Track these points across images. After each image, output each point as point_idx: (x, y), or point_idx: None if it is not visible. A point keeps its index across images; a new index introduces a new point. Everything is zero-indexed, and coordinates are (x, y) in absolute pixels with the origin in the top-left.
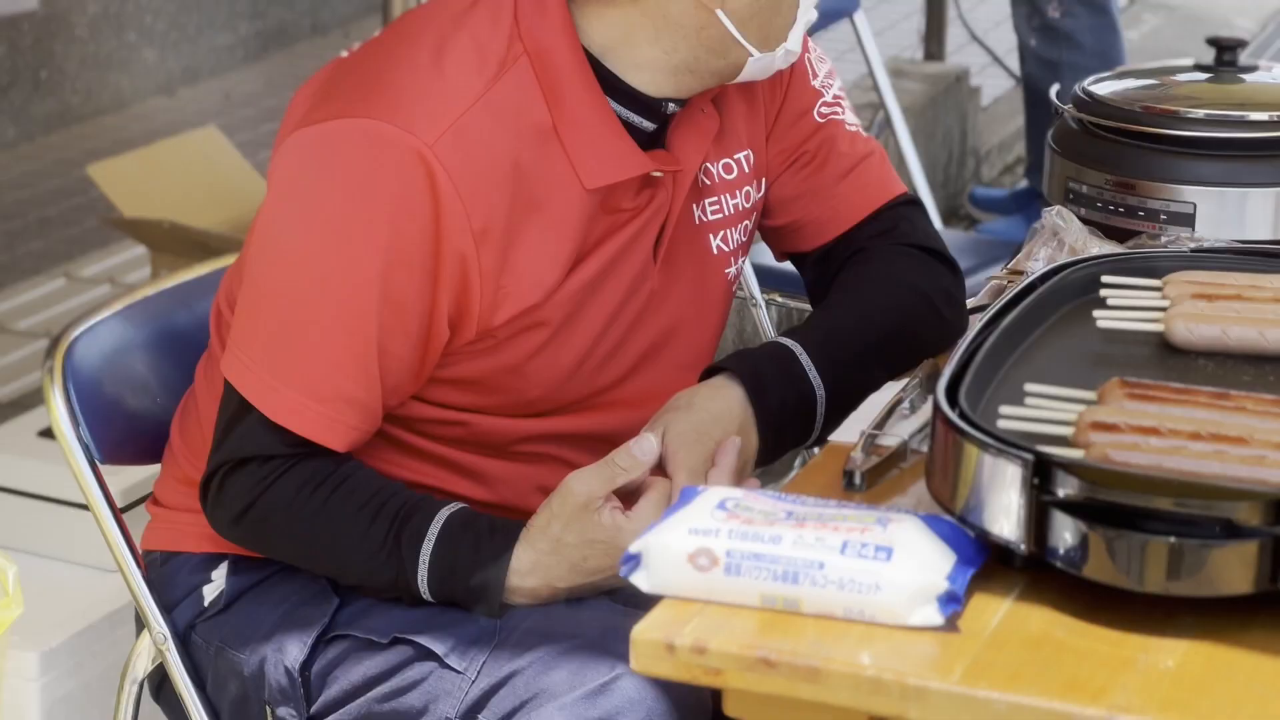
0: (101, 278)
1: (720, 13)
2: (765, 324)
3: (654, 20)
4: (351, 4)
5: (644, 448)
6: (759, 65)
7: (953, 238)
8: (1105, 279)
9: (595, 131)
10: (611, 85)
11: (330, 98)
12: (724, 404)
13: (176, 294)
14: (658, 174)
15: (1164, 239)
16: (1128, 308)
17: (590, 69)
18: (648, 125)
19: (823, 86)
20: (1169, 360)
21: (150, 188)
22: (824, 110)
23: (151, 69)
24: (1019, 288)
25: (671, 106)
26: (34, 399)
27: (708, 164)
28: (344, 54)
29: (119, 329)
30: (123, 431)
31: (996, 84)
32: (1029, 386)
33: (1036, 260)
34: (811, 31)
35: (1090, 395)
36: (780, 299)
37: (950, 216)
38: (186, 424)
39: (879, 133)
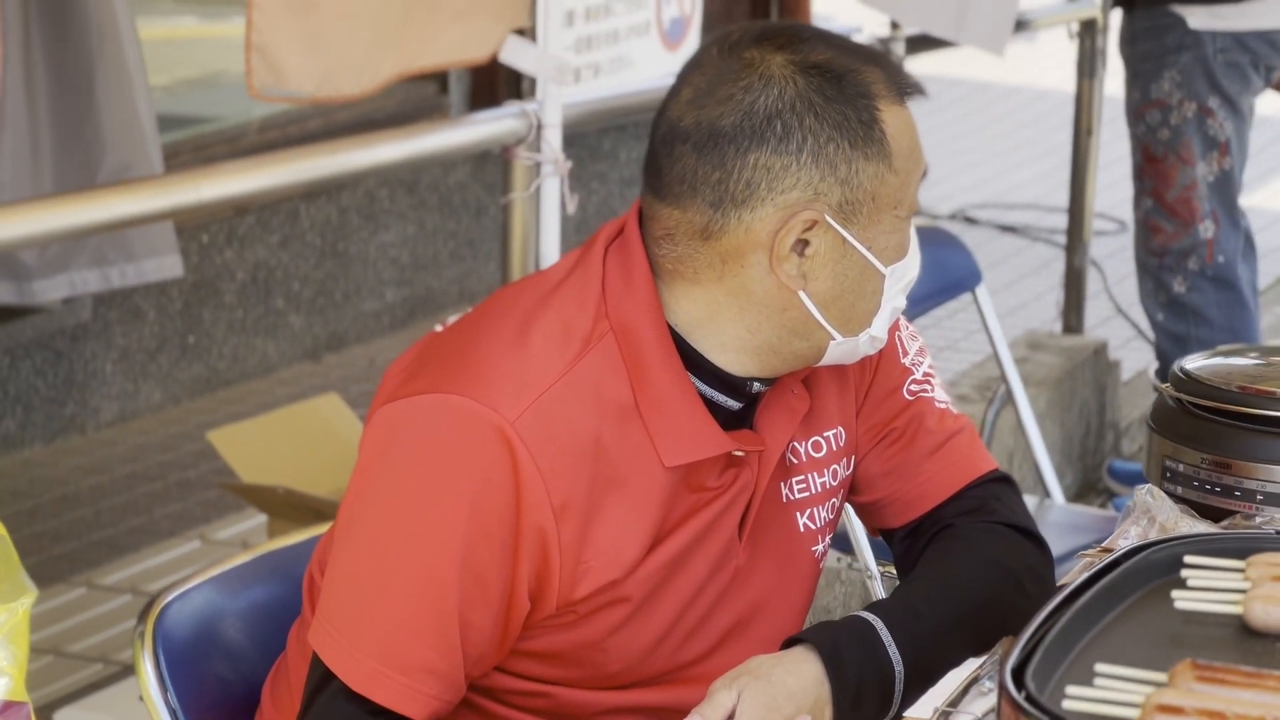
0: (235, 541)
1: (802, 294)
2: (880, 596)
3: (738, 300)
4: (500, 272)
5: (717, 703)
6: (842, 349)
7: (1080, 513)
8: (1188, 559)
9: (676, 409)
10: (696, 363)
11: (419, 373)
12: (800, 681)
13: (271, 561)
14: (740, 453)
15: (1259, 519)
16: (1208, 589)
17: (674, 347)
18: (732, 404)
19: (913, 364)
20: (1246, 643)
21: (269, 454)
22: (913, 388)
23: (297, 335)
24: (1099, 566)
25: (757, 386)
26: None
27: (795, 443)
28: (438, 328)
29: (211, 596)
30: (213, 697)
31: (1140, 357)
32: (1099, 666)
33: (1127, 538)
34: (934, 305)
35: (1161, 676)
36: (895, 571)
37: (1088, 490)
38: (278, 690)
39: (1000, 406)
